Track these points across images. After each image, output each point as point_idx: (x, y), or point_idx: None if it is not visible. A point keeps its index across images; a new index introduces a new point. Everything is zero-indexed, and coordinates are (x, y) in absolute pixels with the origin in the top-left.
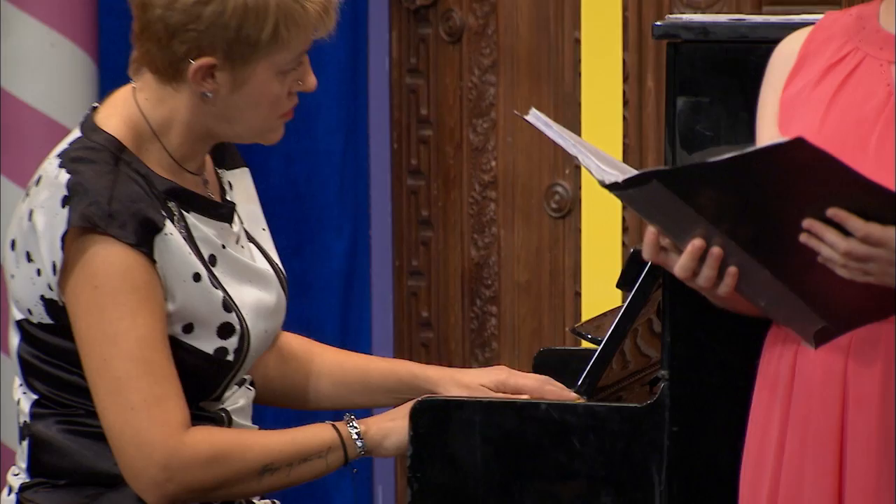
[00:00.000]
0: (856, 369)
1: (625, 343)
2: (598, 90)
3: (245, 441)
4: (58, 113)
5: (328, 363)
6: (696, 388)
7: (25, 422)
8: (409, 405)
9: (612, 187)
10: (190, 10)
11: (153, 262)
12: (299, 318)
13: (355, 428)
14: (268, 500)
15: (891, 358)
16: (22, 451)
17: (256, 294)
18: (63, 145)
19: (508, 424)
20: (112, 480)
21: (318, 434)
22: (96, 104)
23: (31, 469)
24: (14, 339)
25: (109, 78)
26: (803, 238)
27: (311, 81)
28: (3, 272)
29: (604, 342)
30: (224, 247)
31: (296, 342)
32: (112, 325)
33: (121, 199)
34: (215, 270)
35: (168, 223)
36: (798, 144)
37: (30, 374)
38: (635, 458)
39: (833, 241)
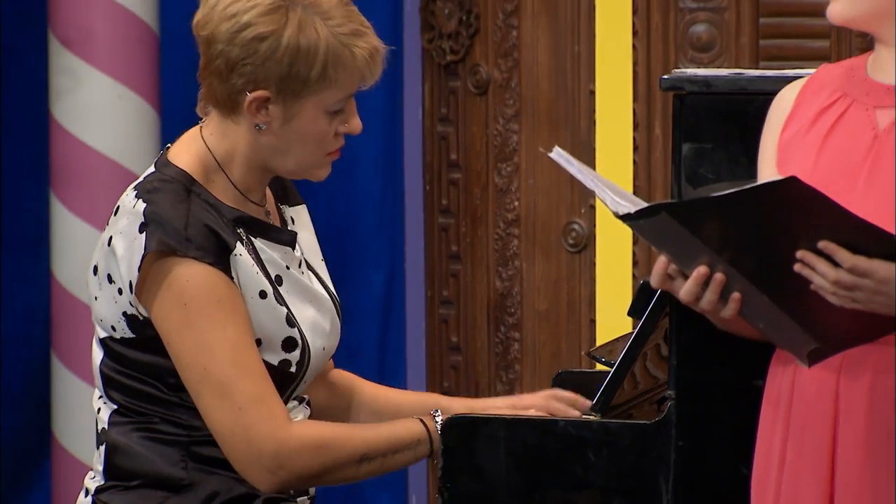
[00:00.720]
0: (846, 385)
1: (635, 366)
2: (611, 137)
3: (345, 433)
4: (123, 158)
5: (367, 396)
6: (699, 406)
7: (103, 429)
8: (488, 404)
9: (625, 217)
10: (248, 46)
11: (231, 277)
12: (343, 341)
13: (440, 422)
14: (306, 498)
15: (878, 375)
16: (98, 456)
17: (314, 314)
18: (139, 180)
19: (530, 439)
20: (177, 484)
21: (409, 428)
22: (169, 144)
23: (106, 472)
24: (97, 356)
25: (170, 127)
26: (797, 268)
27: (357, 125)
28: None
29: (616, 365)
30: (288, 268)
31: (341, 376)
32: (205, 337)
33: (195, 225)
34: (280, 289)
35: (238, 244)
36: (792, 182)
37: (109, 386)
38: (645, 470)
39: (824, 271)
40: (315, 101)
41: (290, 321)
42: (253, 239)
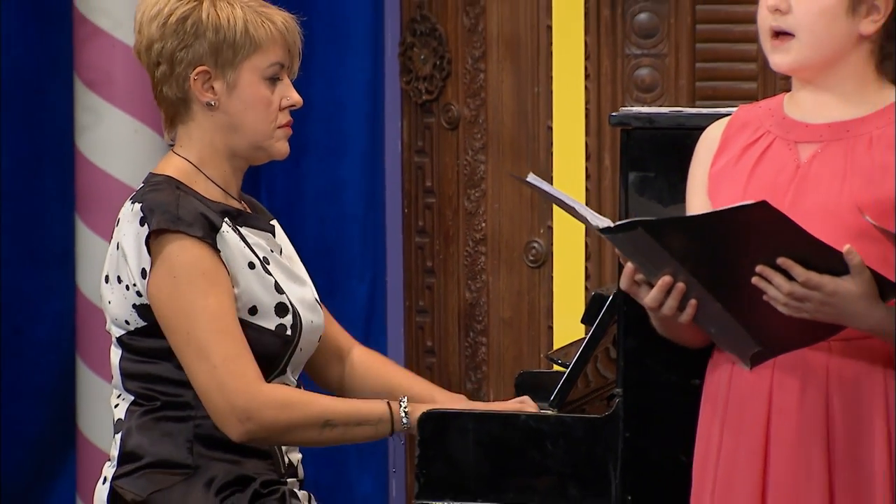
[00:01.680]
0: (779, 384)
1: (588, 367)
2: (567, 167)
3: (311, 398)
4: (138, 184)
5: (373, 370)
6: (644, 402)
7: (119, 419)
8: (451, 400)
9: (605, 231)
10: (176, 30)
11: (218, 251)
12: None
13: (405, 408)
14: (304, 493)
15: (807, 376)
16: (115, 444)
17: (300, 291)
18: (132, 194)
19: (495, 431)
20: (184, 468)
21: (374, 406)
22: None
23: (120, 459)
24: (115, 357)
25: None
26: (755, 280)
27: (297, 97)
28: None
29: (571, 366)
30: (272, 251)
31: (369, 358)
32: (189, 304)
33: (185, 207)
34: (268, 267)
35: (225, 225)
36: (762, 206)
37: (126, 377)
38: (596, 458)
39: (779, 284)
40: (249, 66)
41: (279, 289)
42: (238, 227)
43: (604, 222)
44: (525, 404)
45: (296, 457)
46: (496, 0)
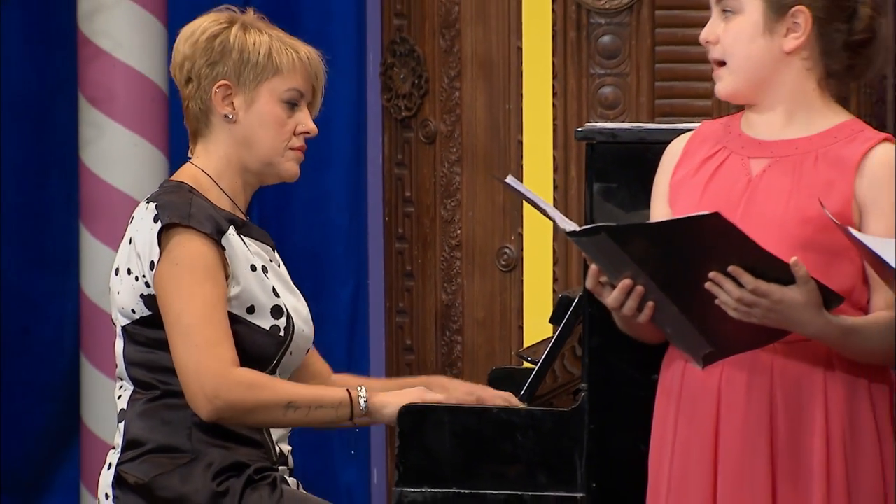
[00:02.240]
0: (727, 381)
1: (555, 363)
2: (536, 178)
3: (277, 382)
4: (138, 194)
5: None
6: (607, 397)
7: (122, 409)
8: (409, 390)
9: (571, 234)
10: (206, 47)
11: (222, 249)
12: (316, 344)
13: (363, 395)
14: (294, 480)
15: (753, 374)
16: (118, 433)
17: (294, 301)
18: (147, 196)
19: (469, 423)
20: (183, 453)
21: (334, 392)
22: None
23: (124, 446)
24: (119, 347)
25: (176, 168)
26: (707, 285)
27: (312, 126)
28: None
29: (540, 363)
30: (271, 261)
31: (347, 382)
32: (185, 290)
33: (197, 207)
34: (267, 273)
35: (231, 230)
36: (715, 217)
37: (129, 364)
38: (563, 448)
39: (729, 290)
40: (268, 88)
41: (276, 292)
42: (242, 236)
43: (570, 226)
44: (510, 399)
45: (286, 448)
46: (470, 23)
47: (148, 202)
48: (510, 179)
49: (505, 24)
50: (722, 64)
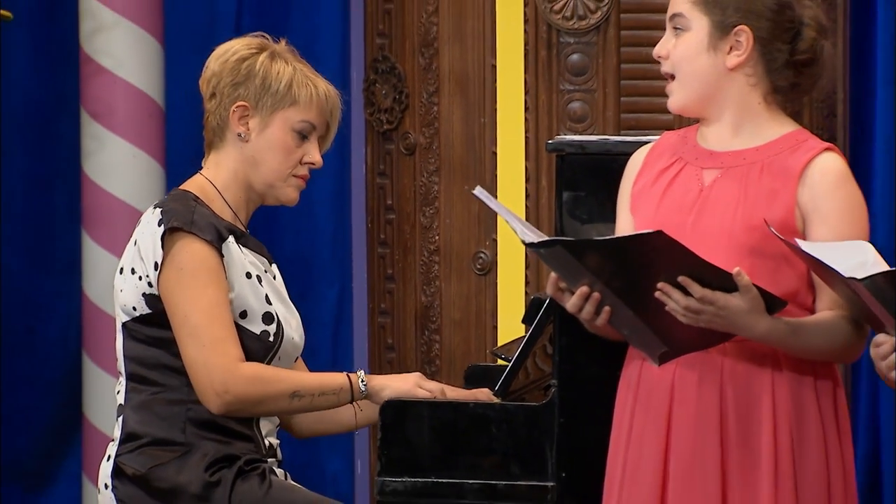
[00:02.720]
0: (680, 378)
1: (527, 361)
2: (509, 187)
3: (281, 373)
4: (136, 202)
5: None
6: (576, 392)
7: (121, 404)
8: (407, 375)
9: (530, 245)
10: (234, 67)
11: (222, 256)
12: (304, 343)
13: (362, 378)
14: (281, 471)
15: (704, 372)
16: (117, 426)
17: (285, 311)
18: (155, 202)
19: (447, 417)
20: (178, 446)
21: (335, 378)
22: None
23: (122, 439)
24: (120, 343)
25: (172, 178)
26: (657, 295)
27: (318, 158)
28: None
29: (513, 360)
30: (266, 272)
31: None
32: (191, 293)
33: (199, 215)
34: (261, 282)
35: (231, 238)
36: (658, 234)
37: (127, 359)
38: (534, 440)
39: (677, 299)
40: (282, 116)
41: (268, 300)
42: (241, 246)
43: (529, 237)
44: (482, 394)
45: (275, 441)
46: (448, 42)
47: (155, 208)
48: (478, 191)
49: (480, 43)
50: (673, 77)
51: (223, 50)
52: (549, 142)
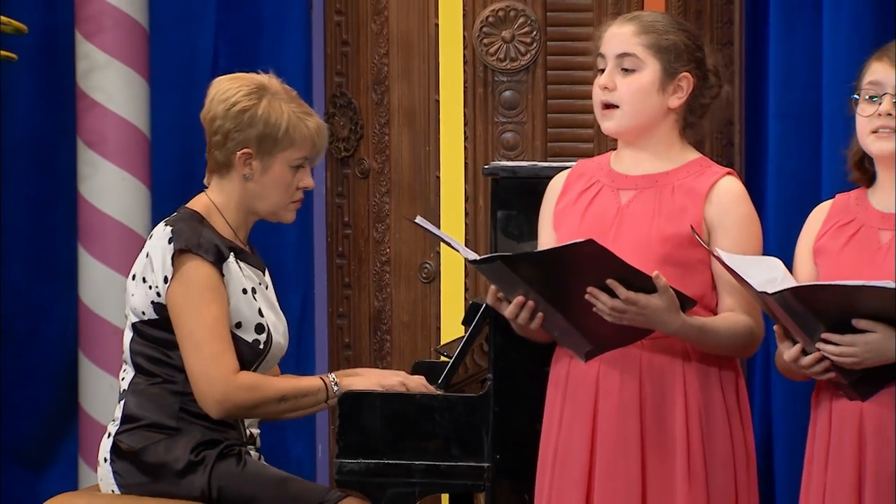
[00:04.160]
0: (604, 372)
1: (466, 357)
2: (451, 207)
3: (271, 381)
4: (126, 220)
5: None
6: (508, 385)
7: (124, 390)
8: (370, 373)
9: (473, 262)
10: (236, 117)
11: (223, 275)
12: None
13: (334, 380)
14: (257, 454)
15: (625, 366)
16: (118, 408)
17: (275, 318)
18: (166, 219)
19: (397, 407)
20: (171, 429)
21: (311, 381)
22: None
23: (122, 420)
24: (128, 337)
25: (158, 200)
26: (587, 297)
27: (311, 182)
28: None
29: (454, 357)
30: (260, 284)
31: None
32: (194, 309)
33: (205, 237)
34: (255, 295)
35: (231, 257)
36: (590, 243)
37: (133, 353)
38: (473, 426)
39: (604, 300)
40: (282, 157)
41: (260, 312)
42: (240, 262)
43: (471, 255)
44: (413, 379)
45: (255, 431)
46: (397, 80)
47: (166, 225)
48: (419, 219)
49: (425, 81)
50: (614, 107)
51: (226, 96)
52: (486, 167)
